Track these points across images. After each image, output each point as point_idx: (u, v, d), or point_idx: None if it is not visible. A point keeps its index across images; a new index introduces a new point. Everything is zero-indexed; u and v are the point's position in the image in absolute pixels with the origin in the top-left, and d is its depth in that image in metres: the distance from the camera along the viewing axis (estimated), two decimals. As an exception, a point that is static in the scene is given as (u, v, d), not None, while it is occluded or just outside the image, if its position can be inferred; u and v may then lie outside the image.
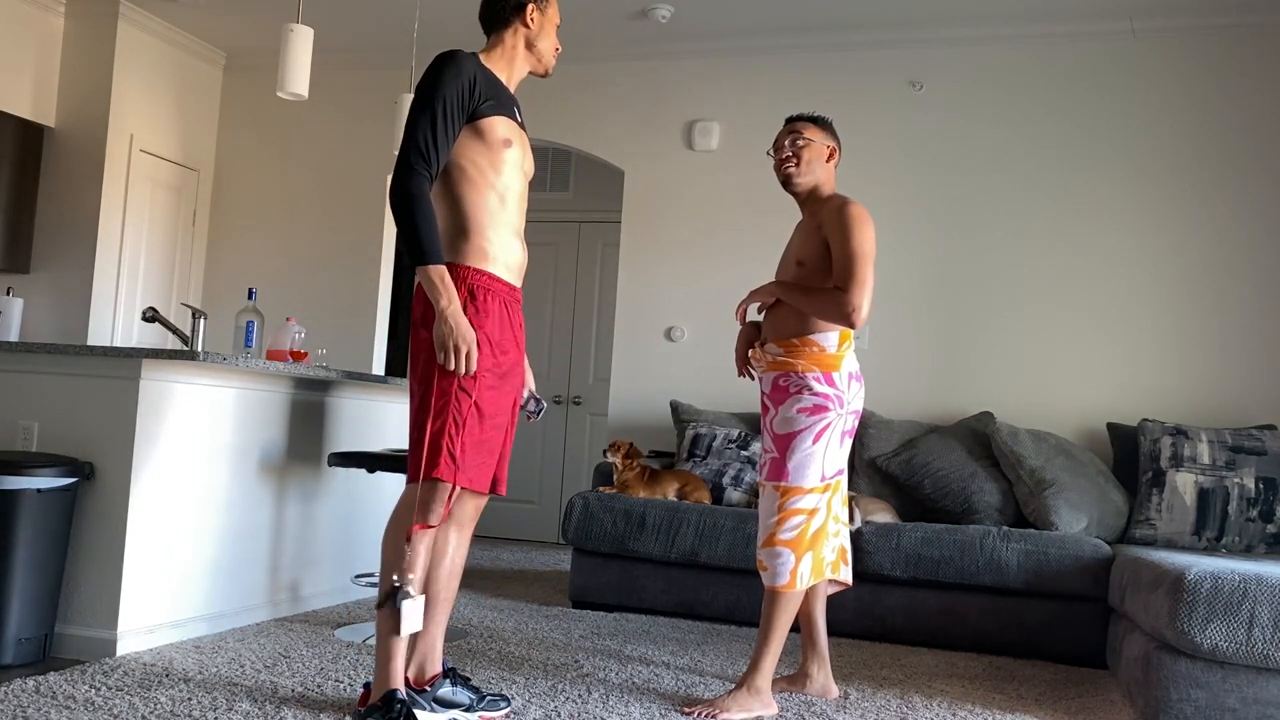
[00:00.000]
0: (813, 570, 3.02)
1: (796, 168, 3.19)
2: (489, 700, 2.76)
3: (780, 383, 3.09)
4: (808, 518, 3.02)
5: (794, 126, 3.25)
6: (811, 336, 3.07)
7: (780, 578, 2.99)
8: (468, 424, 2.54)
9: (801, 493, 3.01)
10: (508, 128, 2.63)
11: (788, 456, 3.02)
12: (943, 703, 3.18)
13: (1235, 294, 4.86)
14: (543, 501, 7.15)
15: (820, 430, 3.03)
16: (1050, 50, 5.18)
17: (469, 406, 2.54)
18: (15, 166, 5.58)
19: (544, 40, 2.75)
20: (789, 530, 3.00)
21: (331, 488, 4.21)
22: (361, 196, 6.17)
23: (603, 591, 4.42)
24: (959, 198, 5.25)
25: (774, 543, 3.00)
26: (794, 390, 3.05)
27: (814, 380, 3.04)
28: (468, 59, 2.59)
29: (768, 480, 3.07)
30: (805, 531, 3.01)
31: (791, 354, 3.08)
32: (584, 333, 7.18)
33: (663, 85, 5.76)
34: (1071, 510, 4.19)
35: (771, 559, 3.01)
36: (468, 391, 2.54)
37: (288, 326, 4.33)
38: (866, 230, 3.03)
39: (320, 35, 5.91)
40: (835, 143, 3.26)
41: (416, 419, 2.57)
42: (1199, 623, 2.80)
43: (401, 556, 2.53)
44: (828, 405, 3.03)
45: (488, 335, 2.58)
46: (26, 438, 3.30)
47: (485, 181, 2.60)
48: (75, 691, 2.75)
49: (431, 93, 2.52)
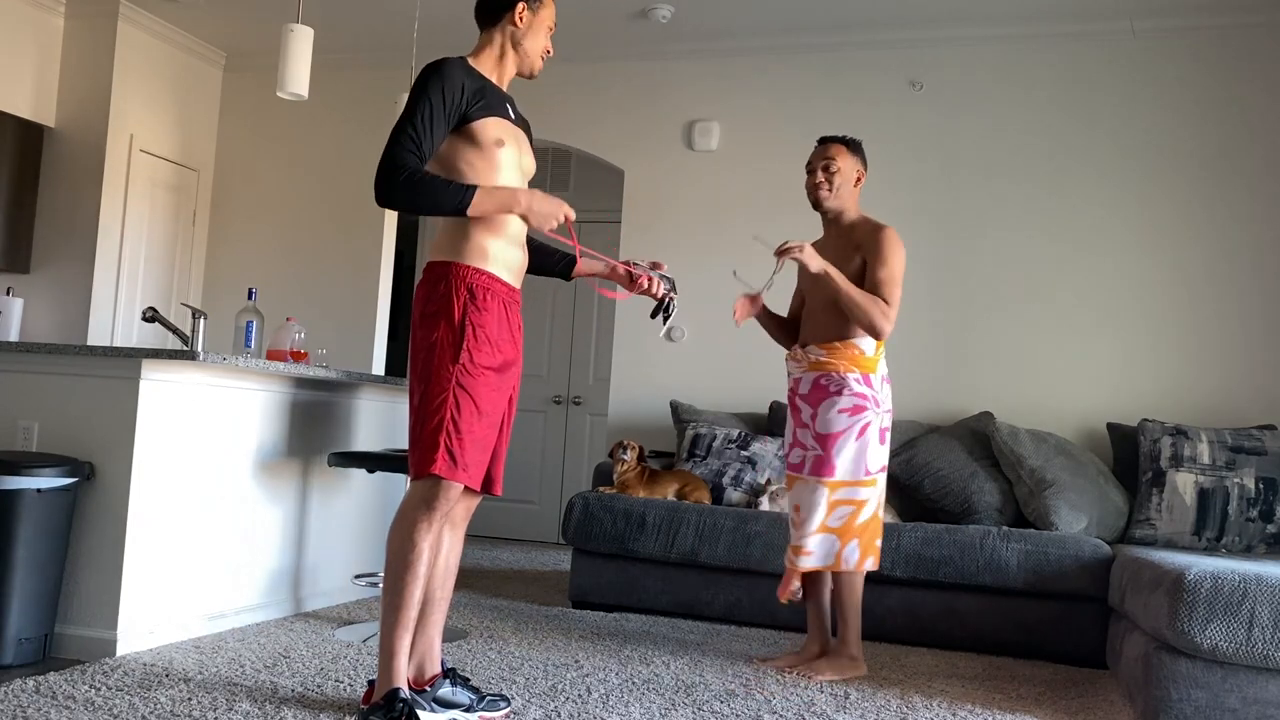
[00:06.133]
0: (861, 553, 3.36)
1: (829, 192, 3.50)
2: (489, 700, 2.76)
3: (821, 382, 3.40)
4: (855, 509, 3.35)
5: (827, 151, 3.53)
6: (852, 340, 3.39)
7: (827, 559, 3.36)
8: (466, 421, 2.55)
9: (847, 485, 3.35)
10: (499, 128, 2.63)
11: (834, 454, 3.35)
12: (943, 703, 3.18)
13: (1236, 294, 4.86)
14: (543, 501, 7.15)
15: (862, 428, 3.34)
16: (1050, 50, 5.18)
17: (468, 403, 2.55)
18: (15, 166, 5.58)
19: (531, 40, 2.73)
20: (836, 519, 3.35)
21: (331, 488, 4.21)
22: (361, 196, 6.17)
23: (603, 591, 4.42)
24: (959, 197, 5.25)
25: (823, 529, 3.35)
26: (833, 390, 3.37)
27: (854, 380, 3.37)
28: (453, 65, 2.58)
29: (810, 475, 3.38)
30: (852, 520, 3.35)
31: (833, 355, 3.39)
32: (584, 333, 7.18)
33: (663, 85, 5.76)
34: (1071, 510, 4.19)
35: (819, 545, 3.35)
36: (466, 389, 2.55)
37: (288, 326, 4.33)
38: (901, 255, 3.38)
39: (320, 35, 5.91)
40: (864, 166, 3.55)
41: (417, 416, 2.58)
42: (1199, 623, 2.80)
43: (406, 556, 2.54)
44: (866, 405, 3.35)
45: (487, 334, 2.59)
46: (26, 438, 3.30)
47: (482, 183, 2.60)
48: (75, 691, 2.75)
49: (416, 100, 2.53)
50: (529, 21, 2.72)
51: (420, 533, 2.55)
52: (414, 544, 2.54)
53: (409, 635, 2.56)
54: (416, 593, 2.55)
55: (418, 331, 2.60)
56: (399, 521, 2.58)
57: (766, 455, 4.74)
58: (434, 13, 5.51)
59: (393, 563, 2.56)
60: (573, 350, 7.18)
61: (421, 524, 2.55)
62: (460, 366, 2.55)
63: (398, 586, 2.54)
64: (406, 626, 2.55)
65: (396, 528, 2.58)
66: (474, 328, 2.56)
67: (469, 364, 2.56)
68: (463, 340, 2.55)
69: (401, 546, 2.55)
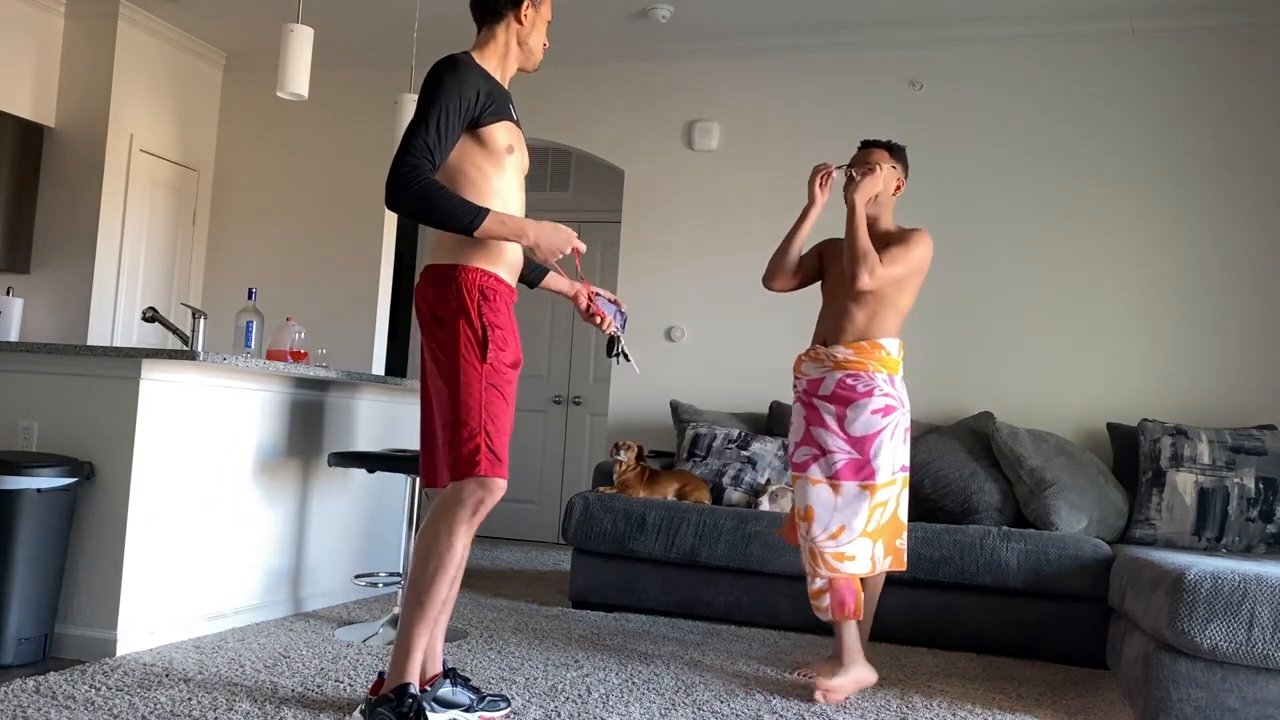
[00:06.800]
0: (886, 555, 3.27)
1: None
2: (489, 701, 2.76)
3: (848, 382, 3.28)
4: (883, 509, 3.25)
5: (868, 156, 3.40)
6: (880, 340, 3.30)
7: (864, 565, 3.22)
8: (500, 419, 2.58)
9: (884, 487, 3.24)
10: (508, 133, 2.65)
11: (872, 456, 3.24)
12: (943, 703, 3.18)
13: (1235, 294, 4.86)
14: (543, 501, 7.15)
15: (894, 429, 3.26)
16: (1050, 50, 5.18)
17: (499, 401, 2.58)
18: (15, 166, 5.58)
19: (535, 37, 2.74)
20: (873, 523, 3.23)
21: (331, 488, 4.21)
22: (361, 196, 6.17)
23: (603, 591, 4.42)
24: (958, 197, 5.25)
25: (863, 535, 3.23)
26: (864, 391, 3.26)
27: (884, 381, 3.28)
28: (469, 67, 2.58)
29: (849, 479, 3.24)
30: (881, 521, 3.25)
31: (861, 355, 3.29)
32: (584, 333, 7.17)
33: (663, 85, 5.76)
34: (1071, 510, 4.19)
35: (858, 549, 3.21)
36: (497, 387, 2.58)
37: (288, 326, 4.33)
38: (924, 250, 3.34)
39: (320, 35, 5.91)
40: (904, 174, 3.43)
41: (450, 418, 2.57)
42: (1199, 623, 2.80)
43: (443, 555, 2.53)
44: (895, 405, 3.28)
45: (504, 334, 2.62)
46: (26, 438, 3.30)
47: (489, 187, 2.62)
48: (75, 691, 2.75)
49: (432, 102, 2.51)
50: (533, 19, 2.72)
51: (460, 533, 2.55)
52: (452, 544, 2.54)
53: (429, 633, 2.56)
54: (444, 591, 2.55)
55: (437, 334, 2.60)
56: (442, 520, 2.56)
57: (766, 455, 4.74)
58: (434, 13, 5.51)
59: (427, 560, 2.54)
60: (573, 350, 7.18)
61: (463, 525, 2.55)
62: (489, 366, 2.57)
63: (429, 585, 2.53)
64: (428, 625, 2.54)
65: (437, 526, 2.56)
66: (492, 328, 2.59)
67: (495, 363, 2.59)
68: (487, 341, 2.58)
69: (439, 545, 2.54)
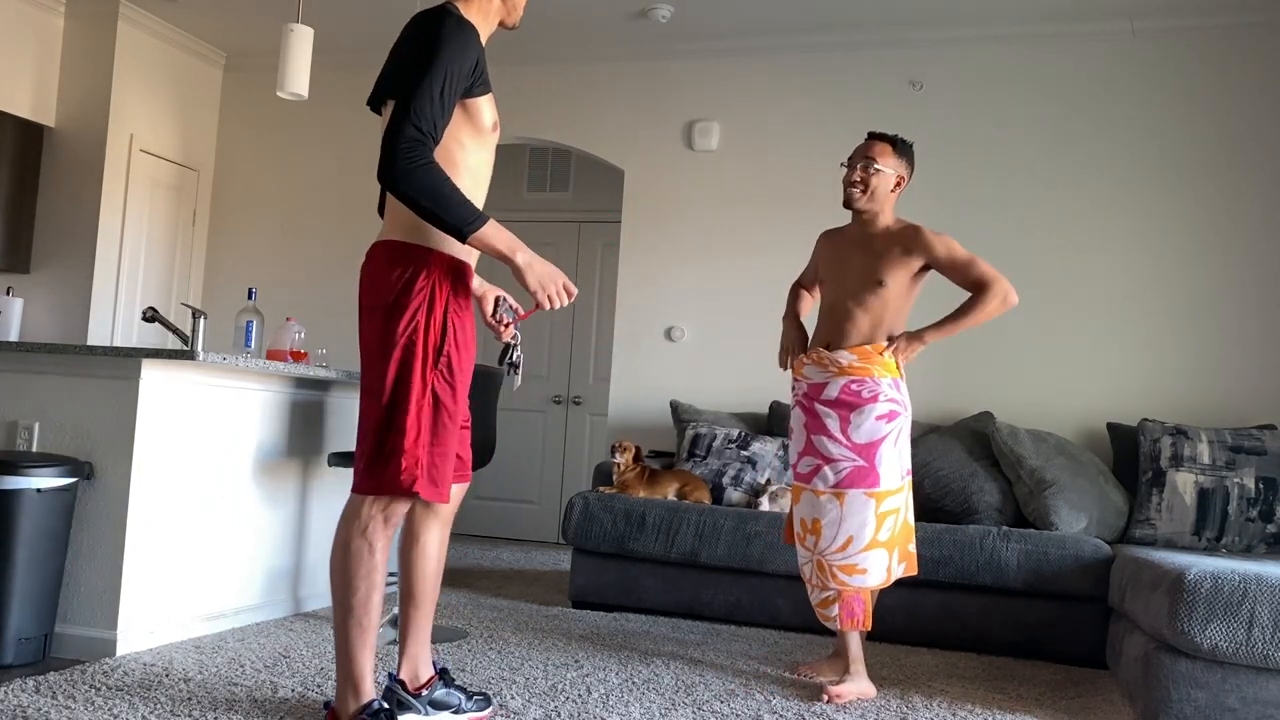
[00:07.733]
0: (900, 561, 3.22)
1: (863, 194, 3.28)
2: (475, 700, 2.74)
3: (853, 387, 3.21)
4: (895, 517, 3.19)
5: (870, 149, 3.30)
6: (881, 344, 3.23)
7: (878, 577, 3.16)
8: (443, 432, 2.34)
9: (890, 494, 3.17)
10: (491, 108, 2.45)
11: (877, 462, 3.16)
12: (943, 703, 3.18)
13: (1235, 294, 4.86)
14: (543, 501, 7.15)
15: (898, 434, 3.19)
16: (1050, 50, 5.18)
17: (444, 414, 2.34)
18: (15, 166, 5.58)
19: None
20: (886, 531, 3.16)
21: (331, 488, 4.21)
22: (361, 196, 6.17)
23: (603, 591, 4.42)
24: (958, 197, 5.25)
25: (875, 545, 3.15)
26: (868, 396, 3.19)
27: (888, 386, 3.21)
28: (470, 28, 2.35)
29: (855, 488, 3.16)
30: (895, 529, 3.19)
31: (866, 360, 3.22)
32: (584, 333, 7.17)
33: (663, 85, 5.76)
34: (1071, 510, 4.19)
35: (870, 561, 3.14)
36: (441, 398, 2.33)
37: (288, 326, 4.33)
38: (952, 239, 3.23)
39: (320, 35, 5.91)
40: (908, 170, 3.32)
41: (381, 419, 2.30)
42: (1199, 623, 2.80)
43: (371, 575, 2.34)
44: (899, 410, 3.21)
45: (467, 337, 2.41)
46: (26, 438, 3.30)
47: (465, 162, 2.40)
48: (75, 691, 2.75)
49: (435, 60, 2.25)
50: None
51: (381, 552, 2.35)
52: (376, 564, 2.35)
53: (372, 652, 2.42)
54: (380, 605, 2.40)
55: (379, 320, 2.30)
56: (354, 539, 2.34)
57: (766, 455, 4.74)
58: (434, 13, 5.51)
59: (353, 583, 2.33)
60: (573, 350, 7.18)
61: (380, 542, 2.35)
62: (439, 372, 2.32)
63: (365, 606, 2.35)
64: (371, 646, 2.39)
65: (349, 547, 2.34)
66: (455, 329, 2.34)
67: (448, 370, 2.34)
68: (444, 341, 2.32)
69: (362, 566, 2.34)
